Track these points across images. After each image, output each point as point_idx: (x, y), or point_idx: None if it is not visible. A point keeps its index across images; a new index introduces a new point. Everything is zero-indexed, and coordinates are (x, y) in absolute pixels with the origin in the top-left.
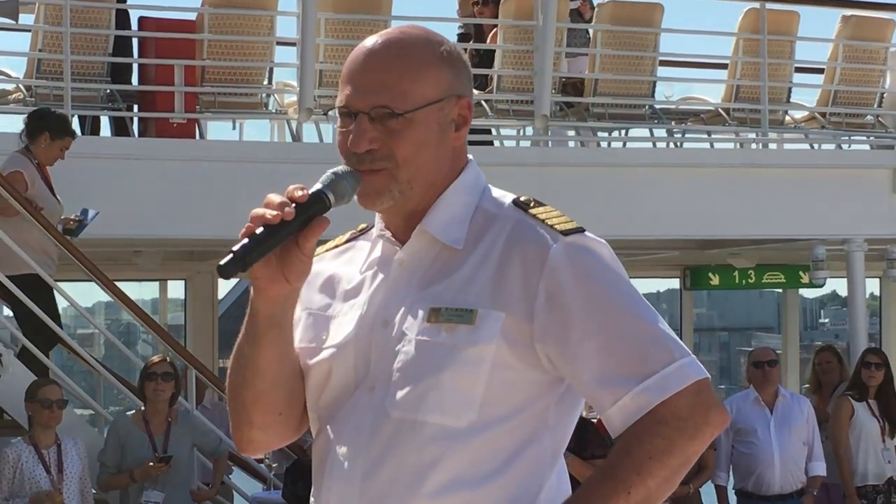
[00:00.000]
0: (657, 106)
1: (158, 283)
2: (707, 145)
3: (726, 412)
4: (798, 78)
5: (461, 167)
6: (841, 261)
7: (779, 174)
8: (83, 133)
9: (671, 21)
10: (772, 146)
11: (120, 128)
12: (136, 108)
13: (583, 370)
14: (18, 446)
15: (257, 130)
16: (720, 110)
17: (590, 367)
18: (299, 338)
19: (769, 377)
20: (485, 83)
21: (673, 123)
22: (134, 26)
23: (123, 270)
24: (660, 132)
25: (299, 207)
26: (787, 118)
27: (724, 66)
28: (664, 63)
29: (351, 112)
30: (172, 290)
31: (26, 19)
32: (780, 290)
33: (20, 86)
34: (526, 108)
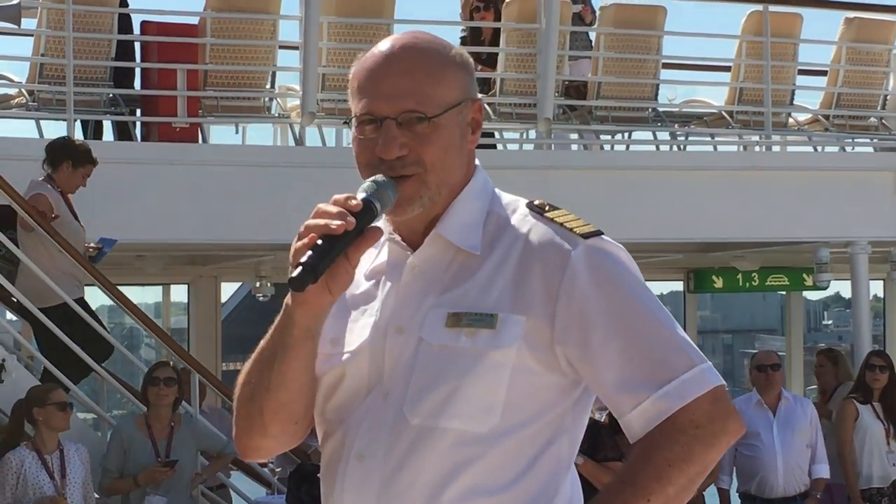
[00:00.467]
0: (660, 109)
1: (161, 287)
2: (710, 148)
3: (743, 421)
4: (801, 80)
5: (472, 171)
6: (844, 262)
7: (782, 177)
8: (86, 137)
9: (674, 24)
10: (775, 149)
11: (123, 132)
12: (139, 113)
13: (603, 373)
14: (21, 452)
15: (260, 134)
16: (723, 113)
17: (610, 371)
18: None
19: (772, 381)
20: (488, 87)
21: (676, 126)
22: (136, 31)
23: (126, 275)
24: (663, 135)
25: (355, 217)
26: (791, 121)
27: (728, 69)
28: (667, 66)
29: (375, 119)
30: (175, 294)
31: (29, 24)
32: (784, 293)
33: (23, 90)
34: (529, 112)
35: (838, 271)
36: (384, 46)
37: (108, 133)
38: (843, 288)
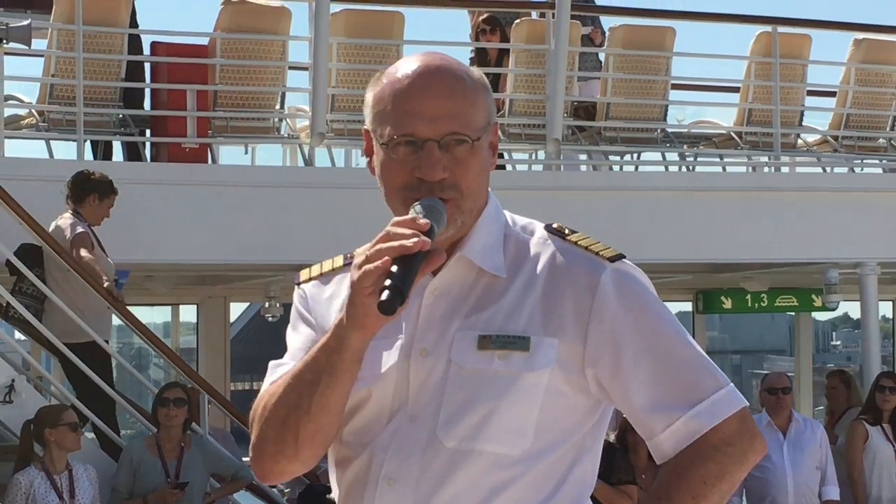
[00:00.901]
0: (669, 130)
1: (171, 308)
2: (719, 169)
3: (765, 440)
4: (810, 101)
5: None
6: (853, 283)
7: (791, 198)
8: (95, 158)
9: (683, 45)
10: (784, 170)
11: (132, 153)
12: (149, 133)
13: (633, 395)
14: (30, 472)
15: (269, 155)
16: (732, 134)
17: (641, 392)
18: None
19: (783, 403)
20: (496, 108)
21: (685, 147)
22: (146, 51)
23: (135, 295)
24: (672, 156)
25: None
26: (800, 142)
27: (736, 90)
28: (676, 87)
29: (416, 140)
30: (184, 314)
31: (39, 45)
32: (793, 314)
33: (33, 111)
34: (538, 133)
35: (847, 292)
36: (414, 67)
37: (118, 153)
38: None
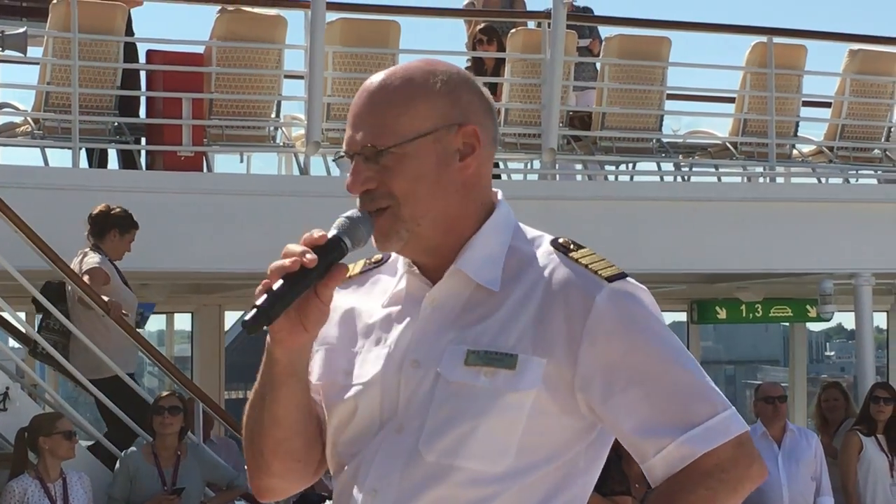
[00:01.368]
0: (664, 139)
1: (165, 316)
2: (714, 179)
3: (766, 466)
4: (805, 112)
5: (489, 202)
6: (848, 294)
7: (786, 208)
8: (90, 166)
9: (678, 55)
10: (779, 180)
11: (128, 161)
12: (144, 141)
13: (625, 419)
14: (24, 480)
15: (265, 163)
16: (727, 144)
17: (633, 417)
18: (319, 374)
19: (779, 413)
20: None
21: (680, 157)
22: (142, 60)
23: None
24: (667, 166)
25: (318, 253)
26: (795, 152)
27: (732, 100)
28: (671, 97)
29: (351, 155)
30: (179, 323)
31: (35, 52)
32: (787, 324)
33: (28, 118)
34: (533, 142)
35: (842, 303)
36: (365, 83)
37: (114, 161)
38: (846, 319)
